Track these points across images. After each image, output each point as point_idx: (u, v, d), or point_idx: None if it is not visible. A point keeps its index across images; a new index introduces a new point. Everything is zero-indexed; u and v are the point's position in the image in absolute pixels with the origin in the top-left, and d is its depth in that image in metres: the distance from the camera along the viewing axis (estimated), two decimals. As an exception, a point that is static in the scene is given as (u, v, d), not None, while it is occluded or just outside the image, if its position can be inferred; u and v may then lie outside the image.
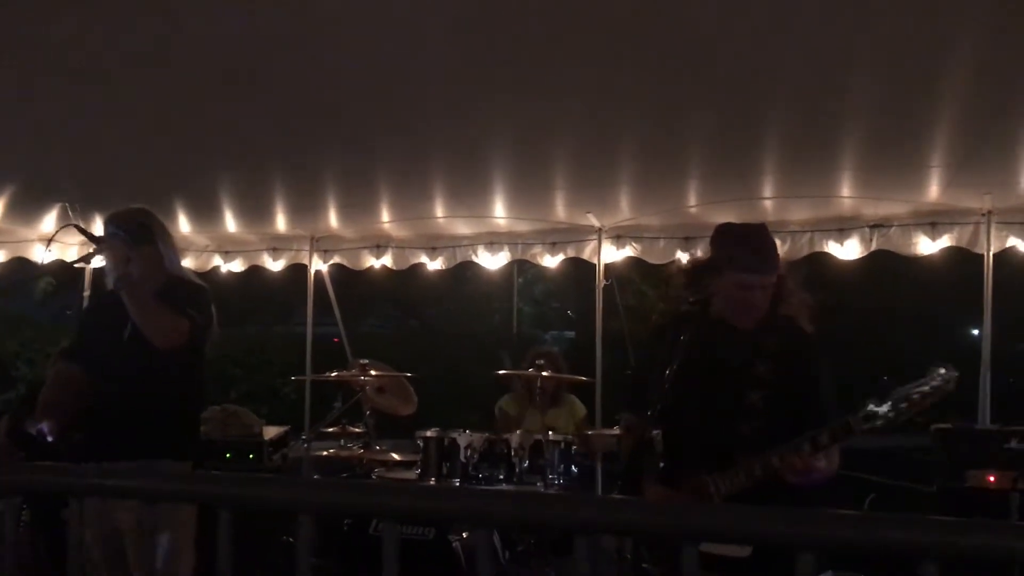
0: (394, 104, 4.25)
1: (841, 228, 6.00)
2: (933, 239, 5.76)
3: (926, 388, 2.28)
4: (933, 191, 5.35)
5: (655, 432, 2.71)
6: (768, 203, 5.72)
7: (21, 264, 7.40)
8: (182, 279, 3.64)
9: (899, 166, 4.97)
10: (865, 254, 6.03)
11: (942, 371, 2.29)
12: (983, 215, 5.60)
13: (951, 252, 5.87)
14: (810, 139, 4.56)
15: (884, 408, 2.33)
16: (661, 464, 2.71)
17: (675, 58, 3.64)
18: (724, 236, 2.79)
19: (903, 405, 2.29)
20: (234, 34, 3.47)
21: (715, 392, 2.68)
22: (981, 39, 3.33)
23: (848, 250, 6.02)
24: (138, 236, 3.47)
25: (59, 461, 3.52)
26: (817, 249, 6.11)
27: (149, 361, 3.34)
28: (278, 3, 3.30)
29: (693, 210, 5.77)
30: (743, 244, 2.73)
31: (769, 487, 2.45)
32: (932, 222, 5.74)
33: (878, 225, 5.91)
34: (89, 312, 3.82)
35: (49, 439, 3.47)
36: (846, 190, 5.42)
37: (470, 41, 3.54)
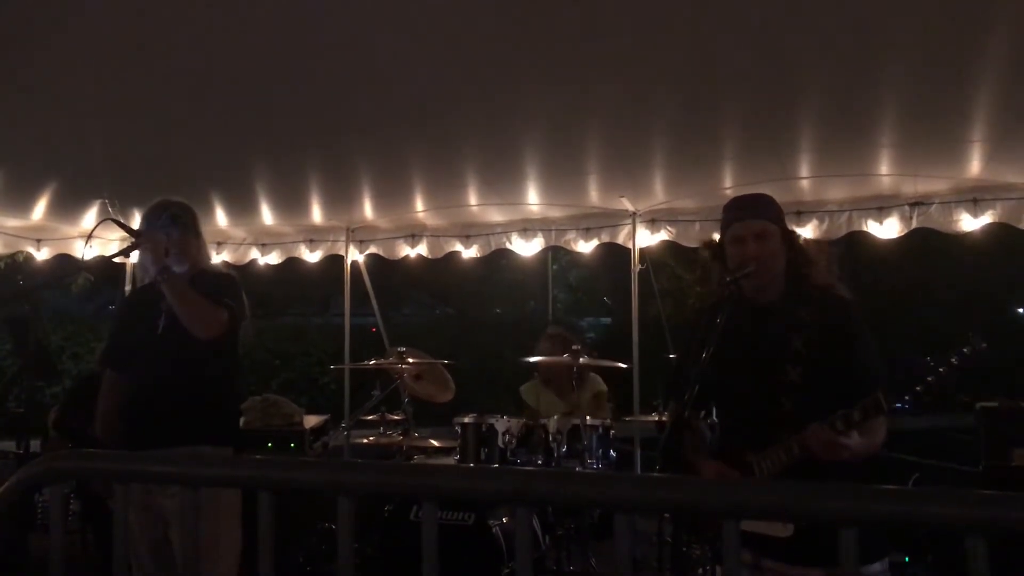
0: (425, 92, 4.24)
1: (880, 206, 5.89)
2: (975, 216, 5.64)
3: (954, 361, 2.25)
4: (975, 166, 5.23)
5: (698, 412, 2.72)
6: (805, 183, 5.65)
7: (65, 261, 7.53)
8: (212, 270, 3.70)
9: (939, 141, 4.86)
10: (905, 232, 5.92)
11: (970, 343, 2.27)
12: (1027, 189, 5.48)
13: (994, 228, 5.75)
14: (847, 116, 4.48)
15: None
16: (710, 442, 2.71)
17: (707, 38, 3.59)
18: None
19: (930, 379, 2.27)
20: (267, 27, 3.49)
21: (754, 371, 2.66)
22: (1021, 9, 3.25)
23: (888, 229, 5.91)
24: (173, 228, 3.52)
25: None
26: (856, 228, 6.02)
27: (188, 352, 3.38)
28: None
29: (728, 192, 5.70)
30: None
31: (809, 465, 2.42)
32: (974, 198, 5.61)
33: (918, 203, 5.79)
34: (124, 307, 3.87)
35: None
36: (885, 167, 5.32)
37: (500, 27, 3.52)
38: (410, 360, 5.28)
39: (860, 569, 1.23)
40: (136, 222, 4.09)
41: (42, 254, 7.49)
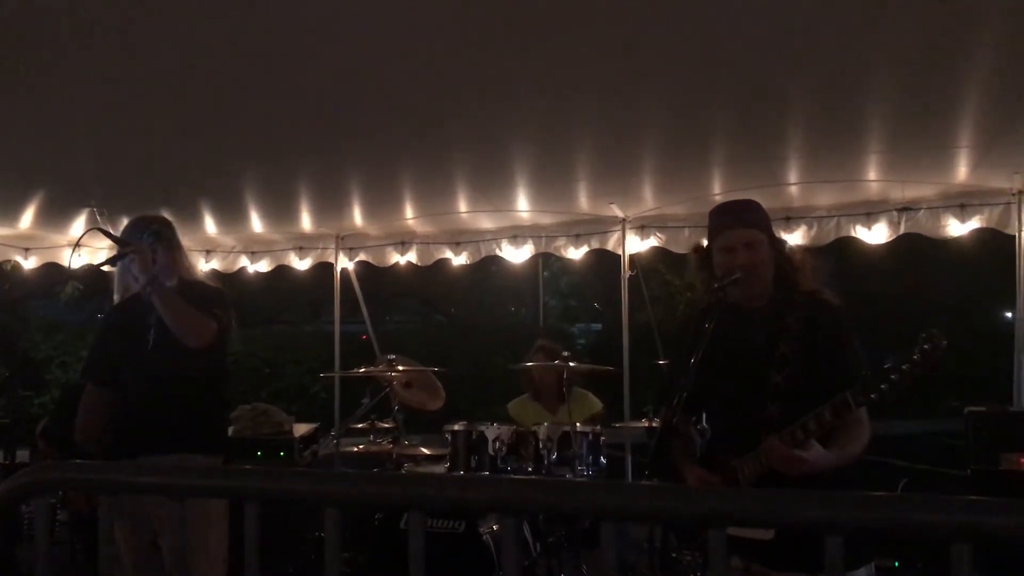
0: (415, 100, 4.24)
1: (868, 212, 5.94)
2: (962, 221, 5.68)
3: (916, 357, 2.25)
4: (962, 172, 5.27)
5: (688, 418, 2.72)
6: (794, 189, 5.67)
7: (53, 269, 7.49)
8: (198, 281, 3.71)
9: (926, 148, 4.89)
10: (893, 238, 5.96)
11: (930, 338, 2.26)
12: (1013, 195, 5.52)
13: (981, 234, 5.79)
14: (835, 123, 4.50)
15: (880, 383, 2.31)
16: (699, 447, 2.71)
17: (696, 46, 3.60)
18: (710, 216, 2.83)
19: (894, 377, 2.27)
20: (257, 36, 3.48)
21: (740, 376, 2.66)
22: (1006, 17, 3.27)
23: (876, 234, 5.96)
24: (156, 244, 3.52)
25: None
26: (844, 234, 6.06)
27: (179, 362, 3.38)
28: (298, 4, 3.30)
29: (718, 198, 5.71)
30: (719, 212, 2.80)
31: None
32: (961, 204, 5.66)
33: (906, 208, 5.84)
34: (107, 321, 3.86)
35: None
36: (873, 173, 5.35)
37: (491, 35, 3.52)
38: (400, 368, 5.26)
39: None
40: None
41: (30, 263, 7.46)
